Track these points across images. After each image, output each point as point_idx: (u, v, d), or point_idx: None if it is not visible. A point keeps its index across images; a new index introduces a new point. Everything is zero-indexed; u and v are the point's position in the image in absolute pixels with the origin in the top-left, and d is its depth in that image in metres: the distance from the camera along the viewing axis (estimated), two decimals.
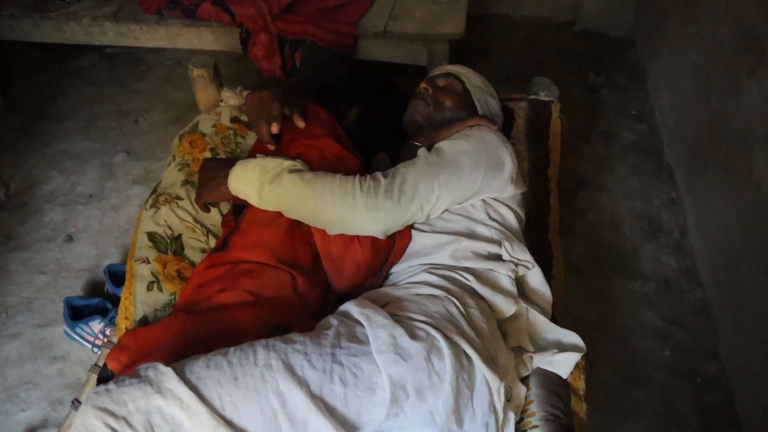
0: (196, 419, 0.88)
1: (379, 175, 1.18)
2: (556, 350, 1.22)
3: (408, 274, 1.23)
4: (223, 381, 0.91)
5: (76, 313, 1.79)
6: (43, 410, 1.69)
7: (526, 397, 1.20)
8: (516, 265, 1.25)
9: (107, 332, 1.73)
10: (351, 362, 0.97)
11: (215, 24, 2.17)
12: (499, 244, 1.24)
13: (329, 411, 0.93)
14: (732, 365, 1.71)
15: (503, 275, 1.22)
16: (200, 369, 0.92)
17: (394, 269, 1.28)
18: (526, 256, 1.26)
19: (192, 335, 1.15)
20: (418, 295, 1.13)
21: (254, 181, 1.17)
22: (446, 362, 1.01)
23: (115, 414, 0.86)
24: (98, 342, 1.75)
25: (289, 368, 0.93)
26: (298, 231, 1.29)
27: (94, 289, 1.97)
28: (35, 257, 2.08)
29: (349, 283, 1.28)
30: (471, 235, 1.24)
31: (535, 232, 1.57)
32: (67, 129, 2.57)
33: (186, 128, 1.80)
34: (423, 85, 1.51)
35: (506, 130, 1.82)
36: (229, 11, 2.09)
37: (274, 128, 1.33)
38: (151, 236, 1.50)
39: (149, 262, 1.45)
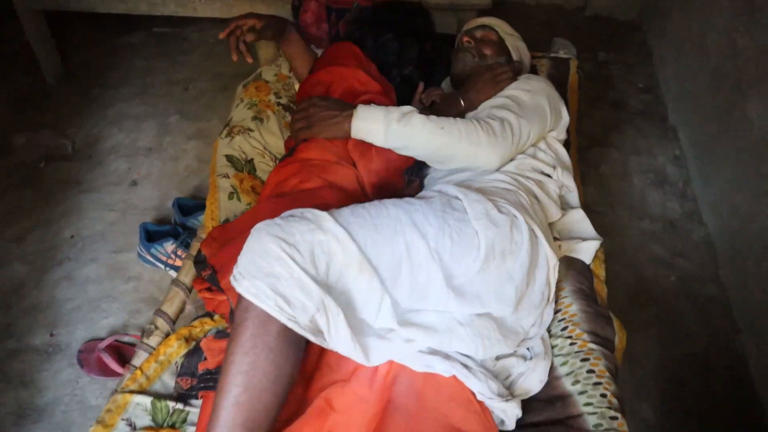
0: (348, 253, 1.06)
1: (489, 120, 1.39)
2: (580, 239, 1.46)
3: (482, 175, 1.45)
4: (366, 227, 1.10)
5: (150, 238, 2.02)
6: (123, 318, 1.91)
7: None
8: (561, 186, 1.50)
9: (179, 252, 1.96)
10: (456, 225, 1.18)
11: None
12: (553, 167, 1.49)
13: (440, 260, 1.14)
14: (730, 284, 1.94)
15: (553, 189, 1.47)
16: (347, 216, 1.11)
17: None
18: (570, 181, 1.52)
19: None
20: (495, 187, 1.36)
21: (380, 120, 1.35)
22: (524, 234, 1.24)
23: (287, 240, 1.04)
24: (170, 261, 1.98)
25: (414, 223, 1.14)
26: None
27: (160, 224, 2.20)
28: (104, 198, 2.31)
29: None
30: (533, 156, 1.48)
31: None
32: (123, 95, 2.82)
33: (249, 78, 2.05)
34: (465, 38, 1.72)
35: None
36: None
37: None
38: (229, 158, 1.75)
39: (229, 177, 1.69)
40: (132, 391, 1.28)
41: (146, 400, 1.26)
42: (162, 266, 2.00)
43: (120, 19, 3.06)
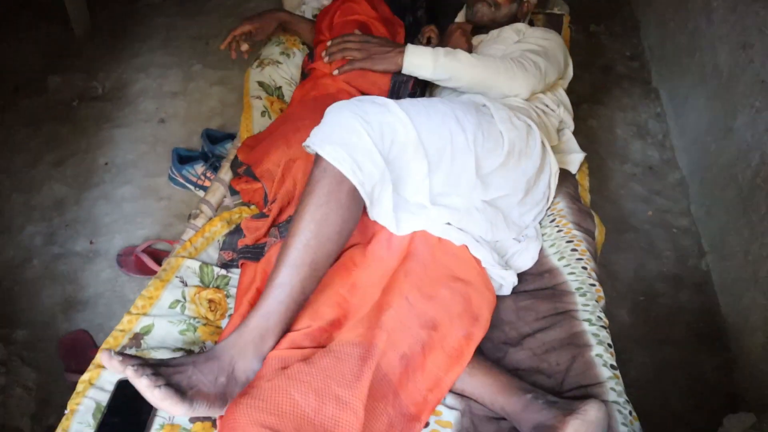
0: (408, 135, 1.23)
1: (521, 59, 1.62)
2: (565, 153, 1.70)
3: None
4: (421, 114, 1.28)
5: (181, 161, 2.23)
6: (156, 230, 2.12)
7: None
8: (561, 121, 1.75)
9: (208, 174, 2.17)
10: (486, 124, 1.39)
11: None
12: (558, 105, 1.73)
13: (474, 151, 1.34)
14: (699, 216, 2.18)
15: (554, 119, 1.71)
16: (406, 105, 1.27)
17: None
18: (569, 120, 1.77)
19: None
20: (511, 105, 1.58)
21: (429, 55, 1.57)
22: (536, 141, 1.48)
23: (364, 117, 1.17)
24: (200, 182, 2.19)
25: (456, 118, 1.33)
26: None
27: None
28: (135, 133, 2.52)
29: None
30: (543, 93, 1.71)
31: None
32: (147, 46, 3.02)
33: None
34: None
35: None
36: None
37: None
38: (260, 84, 1.97)
39: (261, 99, 1.91)
40: (183, 257, 1.49)
41: (195, 264, 1.48)
42: (192, 187, 2.21)
43: None
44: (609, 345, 1.30)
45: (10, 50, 2.93)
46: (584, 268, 1.45)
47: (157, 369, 1.02)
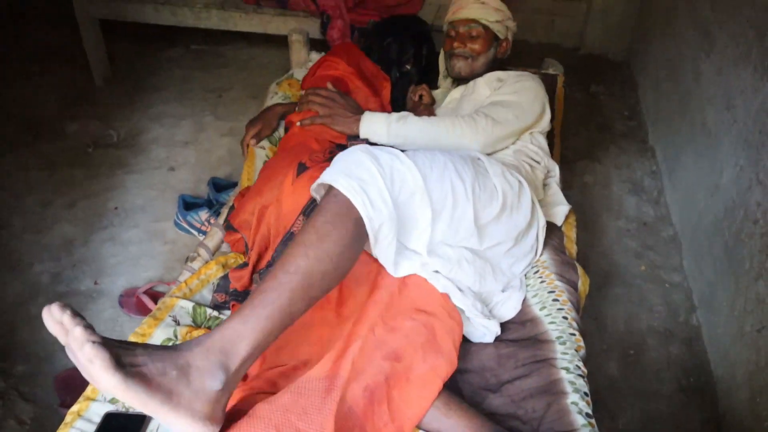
0: (415, 182, 1.25)
1: (475, 115, 1.68)
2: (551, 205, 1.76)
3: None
4: (426, 164, 1.32)
5: (187, 207, 2.31)
6: (159, 272, 2.19)
7: None
8: (547, 172, 1.82)
9: (212, 220, 2.25)
10: (482, 177, 1.44)
11: (301, 13, 2.78)
12: (544, 154, 1.80)
13: (473, 202, 1.38)
14: (690, 271, 2.21)
15: (540, 173, 1.78)
16: (412, 155, 1.31)
17: None
18: (554, 167, 1.83)
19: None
20: (503, 161, 1.65)
21: (383, 123, 1.66)
22: (527, 197, 1.54)
23: (376, 159, 1.21)
24: (204, 228, 2.27)
25: (456, 169, 1.38)
26: None
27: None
28: (145, 179, 2.62)
29: None
30: (526, 147, 1.78)
31: None
32: (163, 98, 3.17)
33: (282, 77, 2.39)
34: (456, 44, 1.89)
35: None
36: (314, 1, 2.71)
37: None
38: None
39: (264, 148, 2.00)
40: (178, 297, 1.55)
41: (189, 305, 1.53)
42: (196, 233, 2.29)
43: (161, 36, 3.48)
44: (585, 393, 1.33)
45: (33, 95, 3.09)
46: (565, 318, 1.49)
47: (99, 334, 0.94)
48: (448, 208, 1.35)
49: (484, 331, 1.45)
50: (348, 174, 1.18)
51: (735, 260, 1.86)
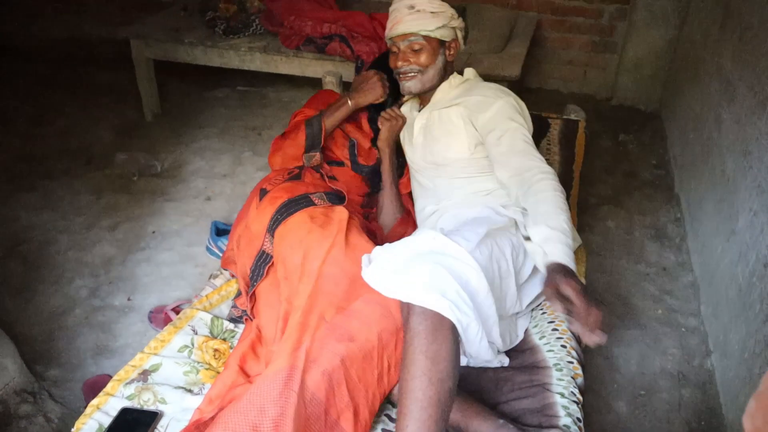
0: (479, 281, 1.28)
1: (533, 158, 1.57)
2: None
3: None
4: (484, 254, 1.36)
5: (218, 233, 2.45)
6: (188, 292, 2.31)
7: None
8: None
9: None
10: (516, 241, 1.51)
11: (337, 58, 2.95)
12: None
13: (514, 272, 1.47)
14: (707, 316, 2.21)
15: None
16: (476, 254, 1.33)
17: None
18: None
19: None
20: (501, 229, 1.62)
21: (568, 248, 1.42)
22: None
23: (449, 269, 1.25)
24: None
25: (500, 248, 1.44)
26: None
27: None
28: (183, 207, 2.78)
29: None
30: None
31: None
32: (206, 133, 3.37)
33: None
34: (400, 63, 1.77)
35: (543, 137, 2.49)
36: (350, 47, 2.88)
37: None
38: None
39: None
40: (198, 309, 1.66)
41: (207, 317, 1.64)
42: None
43: (209, 77, 3.72)
44: (578, 419, 1.36)
45: (89, 128, 3.33)
46: (563, 346, 1.53)
47: None
48: (496, 288, 1.39)
49: (490, 358, 1.50)
50: (428, 288, 1.21)
51: (747, 303, 1.87)
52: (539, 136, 2.47)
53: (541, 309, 1.66)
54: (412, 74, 1.78)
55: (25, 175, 2.94)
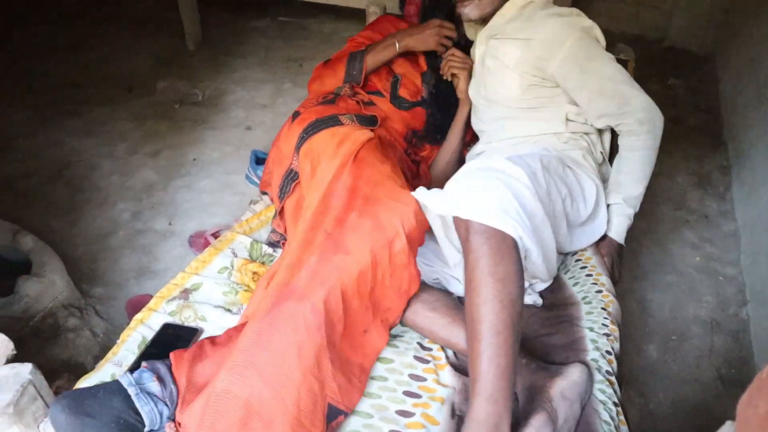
0: (535, 203, 1.25)
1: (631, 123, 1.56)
2: None
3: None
4: (539, 183, 1.31)
5: (258, 162, 2.47)
6: (227, 219, 2.36)
7: None
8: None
9: None
10: (573, 178, 1.50)
11: None
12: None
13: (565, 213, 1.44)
14: (746, 266, 2.17)
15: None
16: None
17: None
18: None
19: None
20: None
21: (626, 220, 1.63)
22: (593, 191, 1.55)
23: (507, 182, 1.22)
24: None
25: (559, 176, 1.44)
26: None
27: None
28: (223, 135, 2.81)
29: None
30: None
31: None
32: (247, 63, 3.36)
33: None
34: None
35: None
36: None
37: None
38: None
39: None
40: (238, 233, 1.70)
41: (247, 240, 1.68)
42: None
43: (250, 6, 3.67)
44: (608, 352, 1.36)
45: (130, 56, 3.34)
46: (589, 275, 1.53)
47: None
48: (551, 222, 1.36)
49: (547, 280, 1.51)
50: (488, 204, 1.18)
51: None
52: None
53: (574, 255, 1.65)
54: (469, 0, 1.64)
55: (67, 101, 2.98)
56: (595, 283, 1.49)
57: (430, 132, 1.86)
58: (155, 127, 2.84)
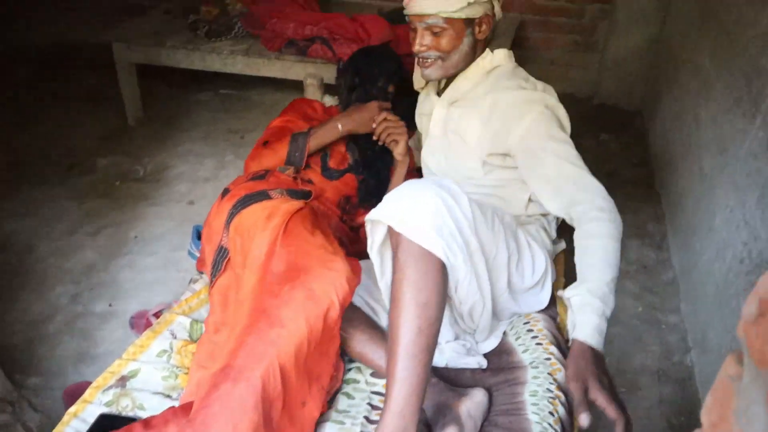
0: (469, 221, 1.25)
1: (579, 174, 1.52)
2: None
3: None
4: (481, 218, 1.30)
5: (200, 237, 2.44)
6: (170, 297, 2.29)
7: None
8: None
9: None
10: (525, 249, 1.49)
11: (318, 60, 2.95)
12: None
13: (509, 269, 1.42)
14: (687, 314, 2.23)
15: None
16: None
17: None
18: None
19: None
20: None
21: (598, 317, 1.39)
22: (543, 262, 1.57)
23: (446, 201, 1.22)
24: None
25: (511, 231, 1.43)
26: None
27: None
28: (166, 211, 2.77)
29: None
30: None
31: None
32: (190, 137, 3.36)
33: None
34: (417, 46, 1.54)
35: None
36: (332, 49, 2.88)
37: None
38: None
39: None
40: (177, 314, 1.66)
41: (186, 321, 1.64)
42: None
43: (192, 80, 3.71)
44: (551, 413, 1.36)
45: (72, 134, 3.32)
46: (539, 344, 1.54)
47: None
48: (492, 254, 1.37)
49: (468, 360, 1.51)
50: (422, 220, 1.19)
51: (724, 300, 1.89)
52: None
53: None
54: (431, 60, 1.55)
55: (5, 182, 2.92)
56: (545, 351, 1.50)
57: (363, 197, 1.89)
58: (95, 205, 2.79)
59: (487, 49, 1.62)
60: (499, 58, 1.62)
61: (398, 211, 1.20)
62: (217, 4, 3.30)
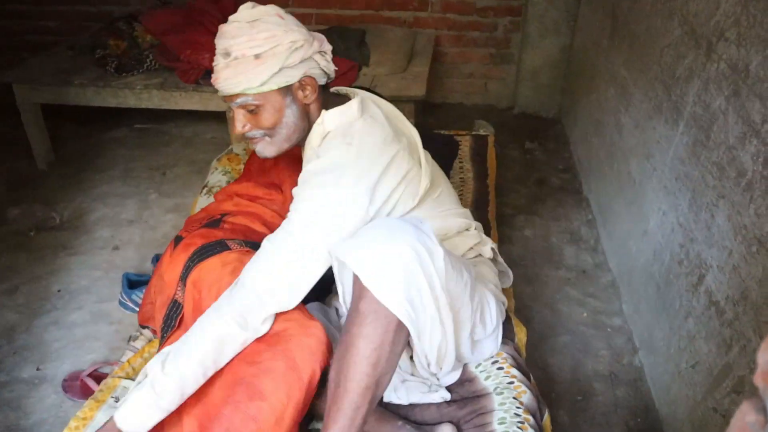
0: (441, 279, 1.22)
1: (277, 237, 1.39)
2: None
3: None
4: (452, 274, 1.25)
5: (131, 285, 2.30)
6: (104, 354, 2.15)
7: None
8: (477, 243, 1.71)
9: None
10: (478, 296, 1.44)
11: None
12: (467, 228, 1.70)
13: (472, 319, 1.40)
14: (630, 315, 2.29)
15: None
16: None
17: None
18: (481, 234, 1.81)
19: None
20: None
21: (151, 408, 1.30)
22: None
23: (421, 257, 1.17)
24: None
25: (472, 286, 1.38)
26: None
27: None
28: (90, 260, 2.60)
29: None
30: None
31: (479, 216, 2.20)
32: (108, 177, 3.18)
33: (222, 153, 2.45)
34: (240, 126, 1.38)
35: (454, 158, 2.52)
36: None
37: None
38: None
39: None
40: (120, 377, 1.54)
41: (131, 384, 1.52)
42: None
43: (105, 117, 3.53)
44: None
45: None
46: (500, 368, 1.53)
47: None
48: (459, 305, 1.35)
49: (432, 396, 1.48)
50: (395, 284, 1.16)
51: (666, 301, 1.95)
52: (450, 157, 2.50)
53: None
54: (258, 137, 1.40)
55: None
56: (507, 375, 1.49)
57: None
58: (9, 260, 2.58)
59: (323, 111, 1.41)
60: (329, 122, 1.40)
61: (368, 261, 1.15)
62: (126, 37, 3.15)
